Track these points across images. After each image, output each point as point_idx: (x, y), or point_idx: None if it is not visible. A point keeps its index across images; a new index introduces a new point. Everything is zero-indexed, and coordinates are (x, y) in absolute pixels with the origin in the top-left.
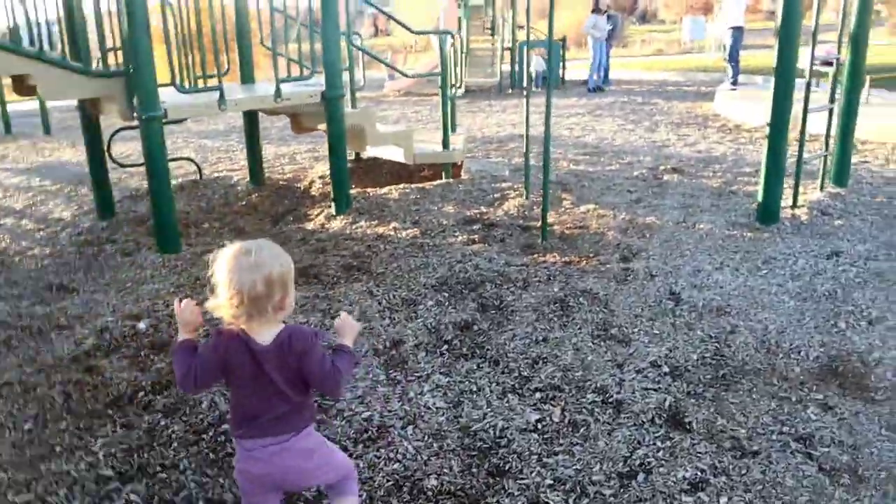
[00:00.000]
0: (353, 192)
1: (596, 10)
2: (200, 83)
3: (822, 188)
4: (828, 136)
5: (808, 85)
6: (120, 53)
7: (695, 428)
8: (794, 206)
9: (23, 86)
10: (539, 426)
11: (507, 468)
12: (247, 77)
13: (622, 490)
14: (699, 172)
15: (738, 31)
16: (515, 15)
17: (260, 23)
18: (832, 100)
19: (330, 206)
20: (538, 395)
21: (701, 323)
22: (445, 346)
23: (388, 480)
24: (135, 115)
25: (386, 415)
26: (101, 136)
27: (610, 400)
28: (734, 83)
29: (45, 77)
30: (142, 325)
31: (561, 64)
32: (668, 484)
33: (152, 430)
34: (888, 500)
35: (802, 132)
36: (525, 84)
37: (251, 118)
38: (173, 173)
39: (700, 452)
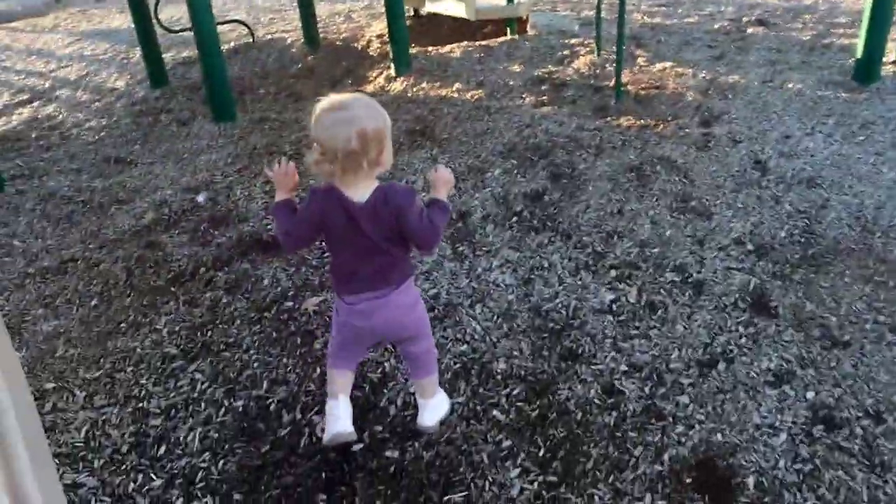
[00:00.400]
0: (413, 51)
1: None
2: None
3: None
4: None
5: None
6: None
7: (781, 314)
8: None
9: None
10: (614, 307)
11: (579, 352)
12: None
13: (701, 379)
14: (787, 24)
15: None
16: None
17: None
18: None
19: (389, 68)
20: (613, 272)
21: (789, 195)
22: (515, 218)
23: (455, 362)
24: None
25: (453, 292)
26: (146, 0)
27: (689, 280)
28: None
29: None
30: (200, 199)
31: None
32: (751, 375)
33: (215, 307)
34: None
35: None
36: None
37: None
38: (225, 37)
39: (786, 341)
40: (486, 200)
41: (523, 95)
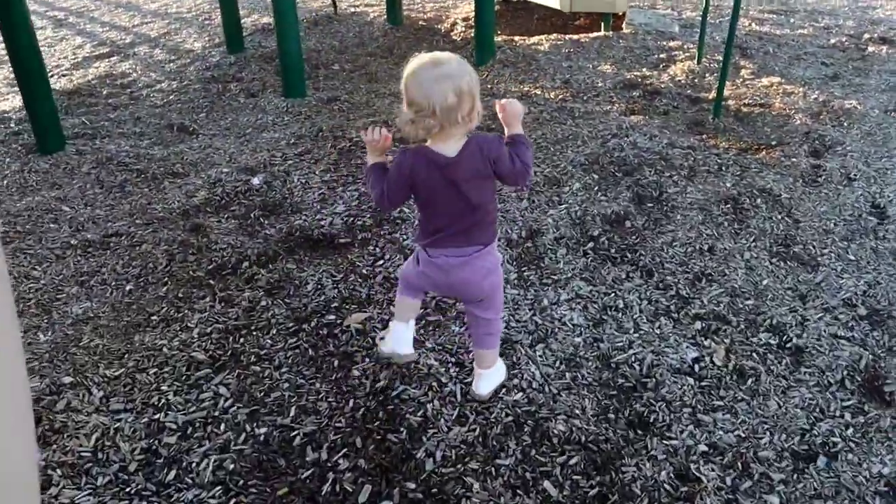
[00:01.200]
0: (498, 39)
1: None
2: None
3: None
4: None
5: None
6: None
7: None
8: None
9: None
10: (696, 368)
11: (651, 419)
12: None
13: (796, 476)
14: None
15: None
16: None
17: None
18: None
19: (471, 55)
20: (698, 324)
21: None
22: (591, 244)
23: (506, 414)
24: None
25: (513, 326)
26: None
27: (788, 345)
28: None
29: None
30: (255, 181)
31: None
32: (858, 479)
33: (252, 309)
34: None
35: None
36: None
37: None
38: (308, 6)
39: None
40: (560, 219)
41: (612, 100)
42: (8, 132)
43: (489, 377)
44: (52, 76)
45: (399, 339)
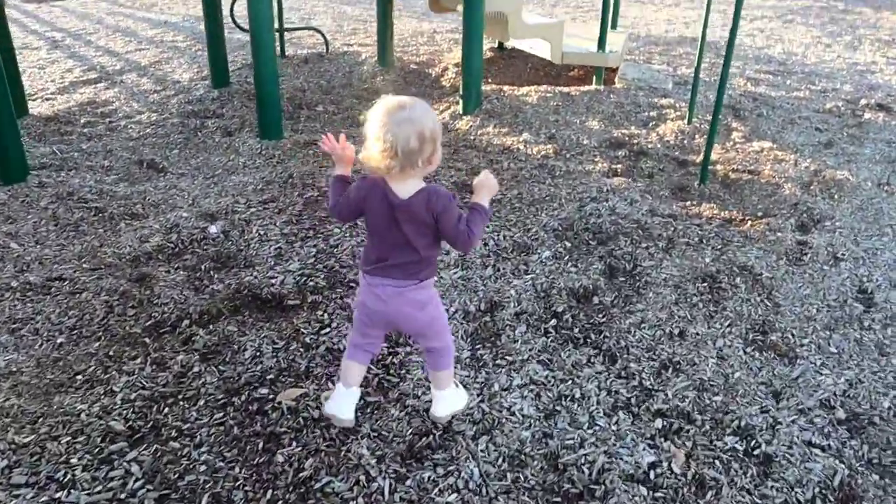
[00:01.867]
0: (487, 88)
1: None
2: None
3: None
4: None
5: None
6: None
7: None
8: None
9: None
10: (652, 476)
11: None
12: None
13: None
14: None
15: None
16: None
17: None
18: None
19: (458, 102)
20: (659, 422)
21: None
22: (553, 322)
23: None
24: None
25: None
26: None
27: (756, 451)
28: None
29: None
30: (213, 230)
31: None
32: None
33: (183, 374)
34: None
35: None
36: None
37: None
38: (301, 43)
39: None
40: (524, 291)
41: (595, 159)
42: None
43: (446, 399)
44: (35, 100)
45: (340, 405)
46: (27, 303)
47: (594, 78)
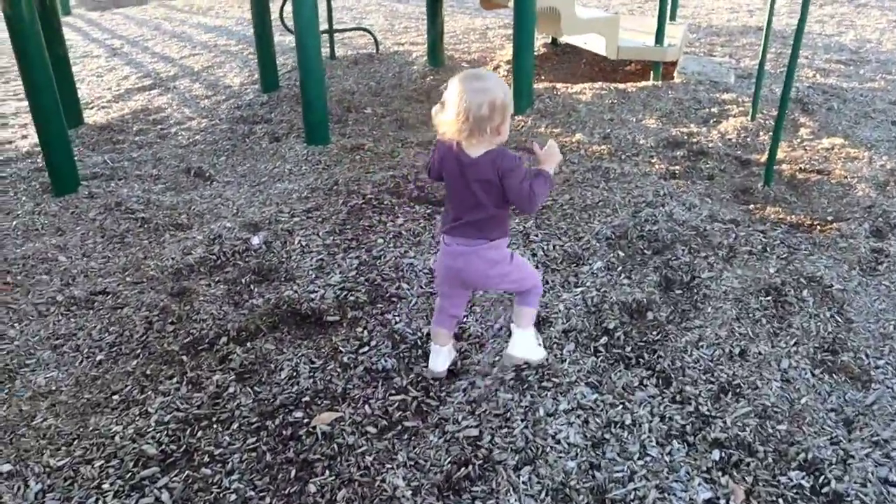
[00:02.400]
0: (539, 86)
1: None
2: None
3: None
4: None
5: None
6: None
7: None
8: None
9: None
10: None
11: None
12: None
13: None
14: None
15: None
16: None
17: None
18: None
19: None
20: (717, 453)
21: None
22: (604, 339)
23: None
24: None
25: (497, 441)
26: None
27: (824, 489)
28: None
29: None
30: (255, 241)
31: None
32: None
33: (218, 396)
34: None
35: None
36: None
37: None
38: (351, 44)
39: None
40: (573, 307)
41: (652, 160)
42: (32, 168)
43: (524, 341)
44: (91, 108)
45: (435, 360)
46: (70, 318)
47: (652, 73)
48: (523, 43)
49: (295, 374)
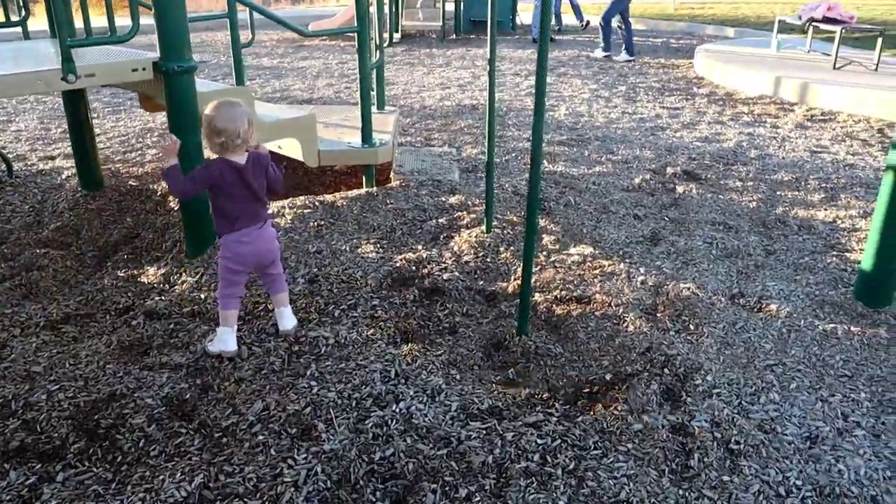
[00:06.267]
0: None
1: None
2: None
3: None
4: None
5: None
6: None
7: None
8: None
9: None
10: None
11: None
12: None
13: None
14: (721, 179)
15: None
16: None
17: None
18: None
19: (183, 241)
20: None
21: None
22: None
23: None
24: None
25: None
26: None
27: None
28: (606, 50)
29: None
30: None
31: (512, 3)
32: None
33: None
34: None
35: None
36: (495, 30)
37: (71, 95)
38: None
39: None
40: None
41: (376, 314)
42: None
43: (291, 314)
44: None
45: (227, 343)
46: None
47: (364, 177)
48: (190, 162)
49: None
